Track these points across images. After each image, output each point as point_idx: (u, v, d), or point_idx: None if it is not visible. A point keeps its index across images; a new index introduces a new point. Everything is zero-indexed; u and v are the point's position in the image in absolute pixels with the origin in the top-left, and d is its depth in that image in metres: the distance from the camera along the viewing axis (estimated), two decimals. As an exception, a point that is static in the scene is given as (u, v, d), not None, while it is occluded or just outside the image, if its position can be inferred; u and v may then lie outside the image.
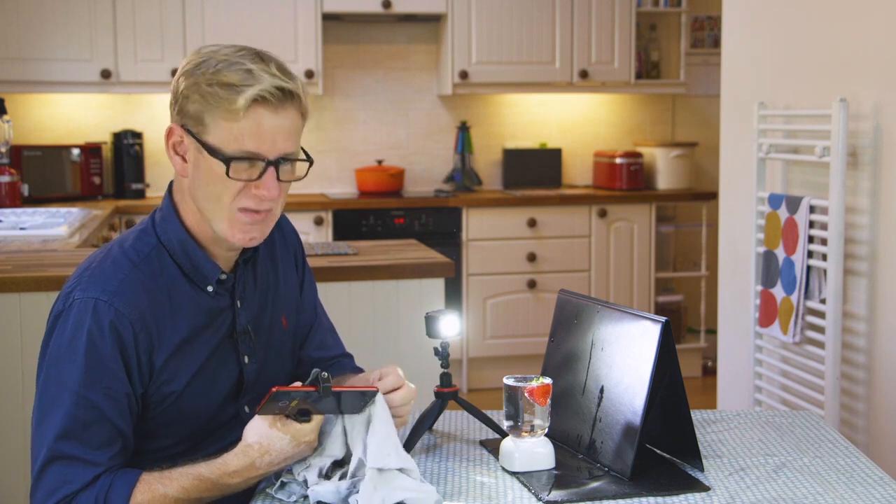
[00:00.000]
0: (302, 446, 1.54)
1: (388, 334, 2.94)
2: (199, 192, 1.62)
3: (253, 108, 1.54)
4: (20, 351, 2.63)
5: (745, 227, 3.44)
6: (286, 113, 1.58)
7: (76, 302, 1.57)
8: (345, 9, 5.18)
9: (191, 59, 1.60)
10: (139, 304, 1.59)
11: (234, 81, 1.54)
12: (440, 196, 5.20)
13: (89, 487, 1.53)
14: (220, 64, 1.56)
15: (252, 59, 1.57)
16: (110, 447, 1.57)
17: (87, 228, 3.81)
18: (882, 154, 2.79)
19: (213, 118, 1.56)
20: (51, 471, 1.54)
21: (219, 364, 1.70)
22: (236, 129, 1.55)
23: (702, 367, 5.53)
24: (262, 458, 1.53)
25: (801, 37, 3.15)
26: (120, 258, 1.63)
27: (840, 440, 1.83)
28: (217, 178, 1.58)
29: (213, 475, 1.54)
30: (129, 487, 1.53)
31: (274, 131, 1.57)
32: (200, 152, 1.58)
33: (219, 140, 1.56)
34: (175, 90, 1.61)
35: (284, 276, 1.84)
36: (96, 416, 1.55)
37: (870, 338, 2.85)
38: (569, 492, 1.57)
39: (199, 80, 1.56)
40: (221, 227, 1.62)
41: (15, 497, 2.66)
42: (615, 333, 1.70)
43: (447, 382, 1.82)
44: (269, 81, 1.55)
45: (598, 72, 5.41)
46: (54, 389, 1.56)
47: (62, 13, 4.87)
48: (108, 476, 1.55)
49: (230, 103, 1.54)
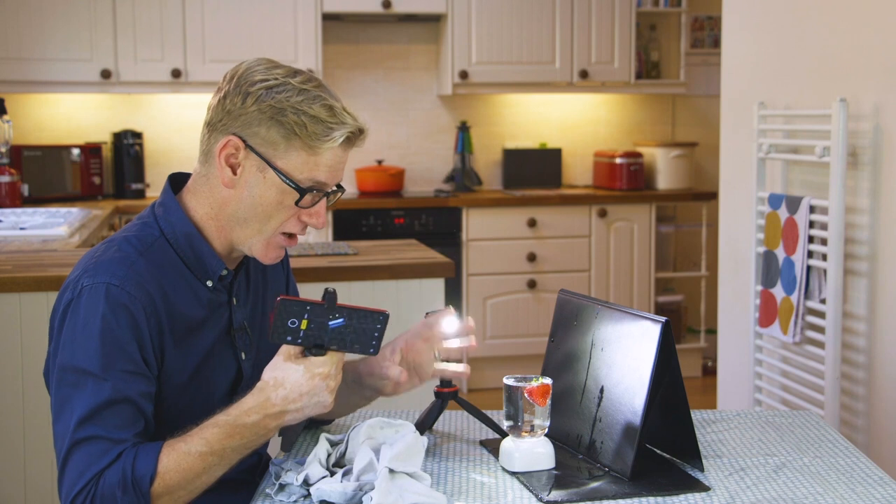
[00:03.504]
0: (316, 379, 1.54)
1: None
2: (246, 208, 1.64)
3: (336, 144, 1.61)
4: (20, 351, 2.63)
5: (745, 227, 3.44)
6: (349, 151, 1.66)
7: (86, 289, 1.57)
8: (345, 9, 5.18)
9: (255, 79, 1.61)
10: (148, 288, 1.60)
11: (322, 117, 1.60)
12: (440, 196, 5.20)
13: (115, 462, 1.53)
14: (300, 94, 1.60)
15: (327, 93, 1.63)
16: (134, 426, 1.57)
17: (87, 228, 3.81)
18: (882, 154, 2.79)
19: (293, 146, 1.60)
20: (76, 454, 1.54)
21: (217, 360, 1.71)
22: (314, 161, 1.61)
23: (702, 367, 5.53)
24: (277, 391, 1.54)
25: (801, 37, 3.15)
26: (125, 247, 1.64)
27: (840, 440, 1.83)
28: (274, 201, 1.63)
29: (229, 417, 1.55)
30: (155, 454, 1.53)
31: (340, 166, 1.65)
32: (263, 172, 1.61)
33: (290, 167, 1.61)
34: (236, 105, 1.61)
35: (272, 276, 1.87)
36: (118, 398, 1.55)
37: (870, 338, 2.85)
38: (569, 492, 1.57)
39: (281, 105, 1.59)
40: (256, 246, 1.67)
41: (15, 496, 2.66)
42: (615, 333, 1.70)
43: (447, 382, 1.82)
44: (352, 124, 1.62)
45: (598, 72, 5.41)
46: (72, 377, 1.56)
47: (62, 13, 4.87)
48: (132, 450, 1.55)
49: (319, 138, 1.60)
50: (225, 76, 1.66)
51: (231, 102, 1.62)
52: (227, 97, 1.63)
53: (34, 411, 2.64)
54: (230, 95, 1.62)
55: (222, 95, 1.64)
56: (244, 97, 1.61)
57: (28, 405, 2.64)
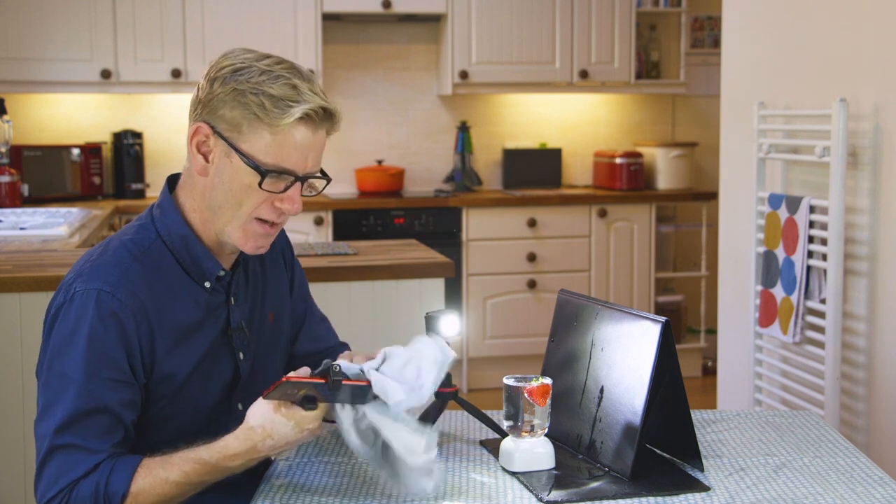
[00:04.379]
0: (305, 433, 1.54)
1: (388, 334, 2.94)
2: (218, 194, 1.63)
3: (297, 124, 1.57)
4: (20, 351, 2.63)
5: (745, 227, 3.44)
6: (321, 133, 1.62)
7: (77, 293, 1.58)
8: (345, 9, 5.18)
9: (223, 64, 1.61)
10: (140, 295, 1.60)
11: (281, 95, 1.56)
12: (440, 196, 5.20)
13: (91, 474, 1.54)
14: (263, 74, 1.57)
15: (294, 74, 1.60)
16: (112, 436, 1.57)
17: (87, 228, 3.81)
18: (882, 154, 2.79)
19: (254, 128, 1.57)
20: (53, 461, 1.55)
21: (214, 360, 1.71)
22: (276, 142, 1.57)
23: (702, 367, 5.53)
24: (265, 441, 1.53)
25: (800, 37, 3.15)
26: (120, 251, 1.64)
27: (840, 440, 1.83)
28: (243, 185, 1.60)
29: (212, 459, 1.55)
30: (131, 471, 1.54)
31: (309, 149, 1.60)
32: (230, 157, 1.60)
33: (254, 149, 1.58)
34: (205, 92, 1.60)
35: (273, 276, 1.85)
36: (98, 406, 1.56)
37: (870, 338, 2.85)
38: (569, 492, 1.57)
39: (242, 86, 1.57)
40: (233, 234, 1.65)
41: (15, 496, 2.66)
42: (615, 333, 1.70)
43: (447, 382, 1.82)
44: (315, 101, 1.58)
45: (598, 72, 5.41)
46: (56, 381, 1.57)
47: (62, 13, 4.87)
48: (109, 462, 1.55)
49: (277, 117, 1.56)
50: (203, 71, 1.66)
51: (202, 90, 1.62)
52: (200, 86, 1.63)
53: (34, 411, 2.63)
54: (202, 84, 1.62)
55: (199, 84, 1.64)
56: (211, 82, 1.60)
57: (28, 405, 2.64)
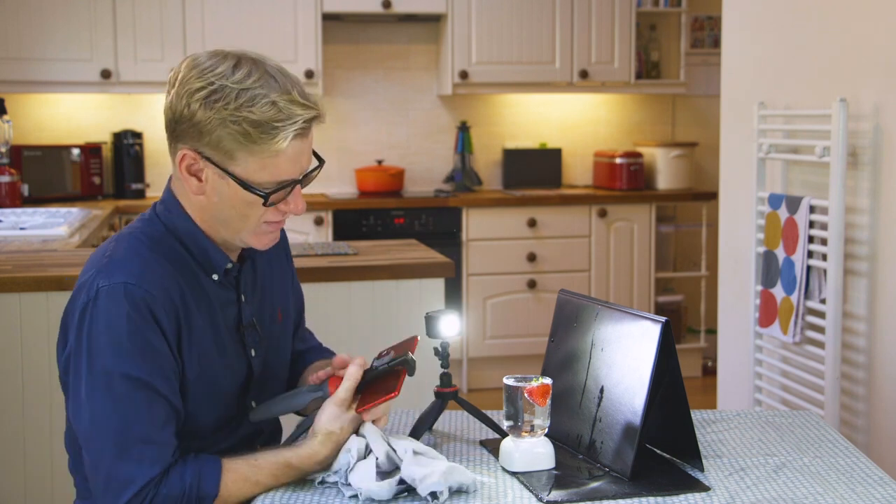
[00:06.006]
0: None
1: (388, 334, 2.94)
2: (222, 210, 1.63)
3: (287, 142, 1.57)
4: (20, 351, 2.63)
5: (745, 227, 3.44)
6: (310, 133, 1.62)
7: (102, 290, 1.55)
8: (345, 9, 5.18)
9: (195, 86, 1.55)
10: (164, 285, 1.59)
11: (264, 119, 1.54)
12: (440, 196, 5.20)
13: (171, 471, 1.55)
14: (239, 97, 1.54)
15: (267, 86, 1.55)
16: (173, 424, 1.58)
17: (87, 228, 3.81)
18: (882, 154, 2.79)
19: (245, 154, 1.57)
20: (126, 459, 1.53)
21: (227, 357, 1.70)
22: (271, 164, 1.58)
23: (702, 367, 5.53)
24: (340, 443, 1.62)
25: (800, 37, 3.15)
26: (135, 244, 1.63)
27: (840, 440, 1.83)
28: (245, 202, 1.60)
29: (302, 464, 1.61)
30: (218, 473, 1.56)
31: (301, 154, 1.61)
32: (225, 179, 1.59)
33: (248, 172, 1.58)
34: (182, 114, 1.57)
35: (279, 272, 1.86)
36: (154, 396, 1.55)
37: (870, 338, 2.85)
38: (569, 492, 1.57)
39: (221, 115, 1.54)
40: (246, 239, 1.67)
41: (15, 496, 2.66)
42: (615, 334, 1.70)
43: (447, 382, 1.82)
44: (300, 116, 1.56)
45: (598, 72, 5.41)
46: (102, 380, 1.54)
47: (62, 13, 4.87)
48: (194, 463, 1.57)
49: (265, 142, 1.55)
50: (170, 77, 1.62)
51: (178, 112, 1.58)
52: (173, 105, 1.59)
53: (34, 411, 2.64)
54: (175, 103, 1.59)
55: (170, 100, 1.60)
56: (188, 107, 1.56)
57: (28, 405, 2.64)
